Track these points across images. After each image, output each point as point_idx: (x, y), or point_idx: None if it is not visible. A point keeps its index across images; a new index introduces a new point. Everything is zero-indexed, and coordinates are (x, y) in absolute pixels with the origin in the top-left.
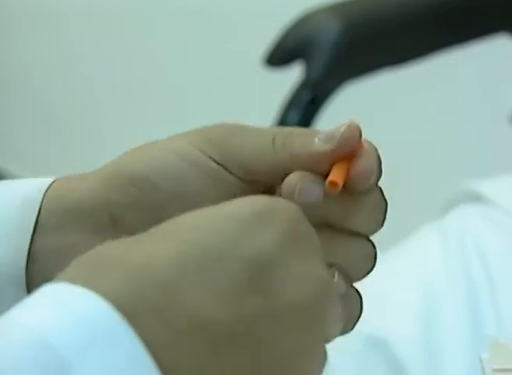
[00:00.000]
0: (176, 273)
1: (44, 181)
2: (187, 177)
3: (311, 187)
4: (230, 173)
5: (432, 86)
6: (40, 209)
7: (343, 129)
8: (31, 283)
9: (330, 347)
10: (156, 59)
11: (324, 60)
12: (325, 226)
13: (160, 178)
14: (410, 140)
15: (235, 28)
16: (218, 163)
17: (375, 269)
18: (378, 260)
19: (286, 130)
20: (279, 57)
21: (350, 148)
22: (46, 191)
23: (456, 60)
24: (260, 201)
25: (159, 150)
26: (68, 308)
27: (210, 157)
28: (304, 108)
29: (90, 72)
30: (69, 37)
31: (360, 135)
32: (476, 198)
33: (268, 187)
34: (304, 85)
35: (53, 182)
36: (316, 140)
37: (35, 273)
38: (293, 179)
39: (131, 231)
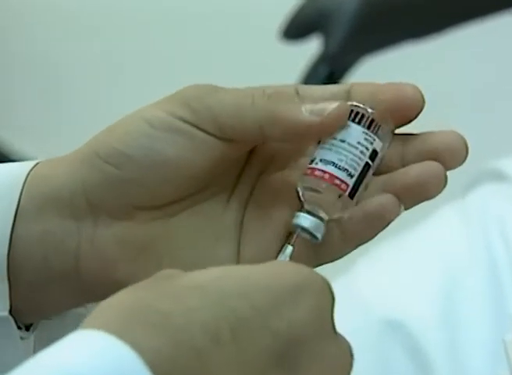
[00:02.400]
0: (211, 341)
1: (26, 166)
2: (161, 144)
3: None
4: (207, 133)
5: (452, 60)
6: (21, 195)
7: (333, 106)
8: (12, 270)
9: (346, 331)
10: (170, 32)
11: (342, 33)
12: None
13: (134, 150)
14: (430, 116)
15: (250, 0)
16: (193, 125)
17: (391, 248)
18: (395, 240)
19: (269, 89)
20: (295, 30)
21: (335, 128)
22: (27, 175)
23: (474, 34)
24: (296, 273)
25: (131, 122)
26: (104, 359)
27: (184, 119)
28: (321, 83)
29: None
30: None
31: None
32: (499, 177)
33: (249, 147)
34: (322, 59)
35: (35, 166)
36: (303, 109)
37: (17, 260)
38: (409, 90)
39: (110, 215)
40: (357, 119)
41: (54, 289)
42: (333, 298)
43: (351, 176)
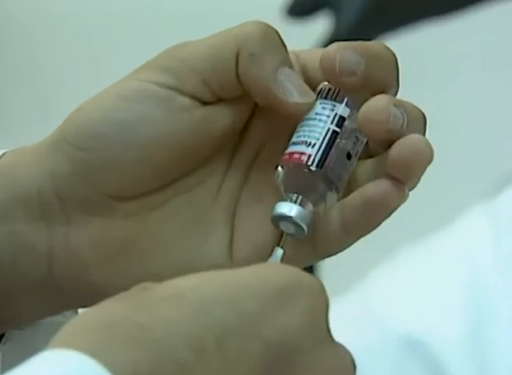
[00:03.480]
0: (194, 354)
1: None
2: (137, 119)
3: (353, 56)
4: (191, 96)
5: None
6: None
7: (305, 100)
8: None
9: (359, 350)
10: (169, 33)
11: (355, 10)
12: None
13: (105, 128)
14: (458, 113)
15: (251, 1)
16: (174, 88)
17: (407, 258)
18: (412, 248)
19: (257, 48)
20: (301, 7)
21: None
22: None
23: (500, 15)
24: (285, 274)
25: (102, 97)
26: None
27: (162, 83)
28: None
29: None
30: None
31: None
32: None
33: (238, 117)
34: (331, 41)
35: (1, 156)
36: (280, 90)
37: None
38: (331, 50)
39: (84, 210)
40: (317, 96)
41: (27, 297)
42: (327, 301)
43: (311, 145)
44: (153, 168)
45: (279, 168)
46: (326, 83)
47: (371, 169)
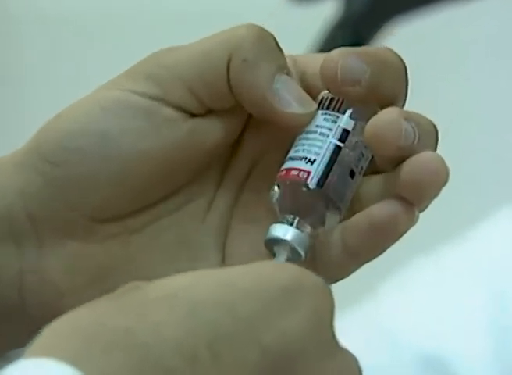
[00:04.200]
0: (185, 361)
1: None
2: (117, 132)
3: (357, 63)
4: (176, 107)
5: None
6: None
7: (308, 110)
8: None
9: (370, 366)
10: (169, 34)
11: None
12: None
13: (82, 141)
14: (485, 107)
15: (251, 1)
16: (157, 98)
17: (432, 267)
18: (438, 253)
19: (250, 54)
20: None
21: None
22: None
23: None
24: (285, 273)
25: (81, 106)
26: None
27: (145, 94)
28: None
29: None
30: None
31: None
32: None
33: (230, 130)
34: (342, 24)
35: None
36: (277, 99)
37: None
38: (333, 56)
39: (58, 233)
40: (319, 105)
41: None
42: (332, 301)
43: (311, 161)
44: (135, 186)
45: (275, 186)
46: (326, 91)
47: (378, 188)
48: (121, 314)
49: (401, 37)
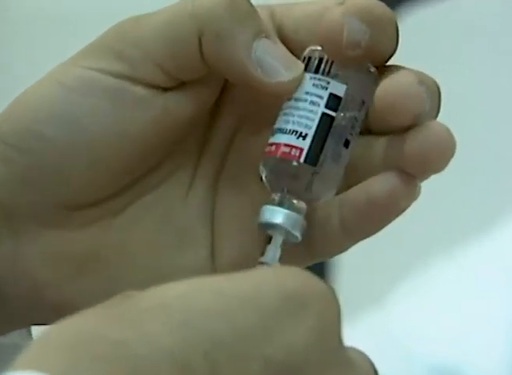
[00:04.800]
0: (181, 372)
1: None
2: (84, 113)
3: (358, 25)
4: (145, 84)
5: None
6: None
7: (291, 76)
8: None
9: None
10: None
11: None
12: None
13: (47, 125)
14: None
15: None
16: (123, 76)
17: (445, 273)
18: (456, 257)
19: (223, 27)
20: None
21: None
22: None
23: None
24: (287, 280)
25: (41, 87)
26: None
27: (110, 71)
28: None
29: None
30: None
31: None
32: None
33: (206, 98)
34: None
35: None
36: (256, 69)
37: None
38: (336, 17)
39: (33, 222)
40: (306, 66)
41: None
42: (339, 309)
43: (302, 136)
44: (109, 169)
45: (262, 162)
46: (313, 48)
47: (375, 155)
48: (112, 324)
49: (405, 26)
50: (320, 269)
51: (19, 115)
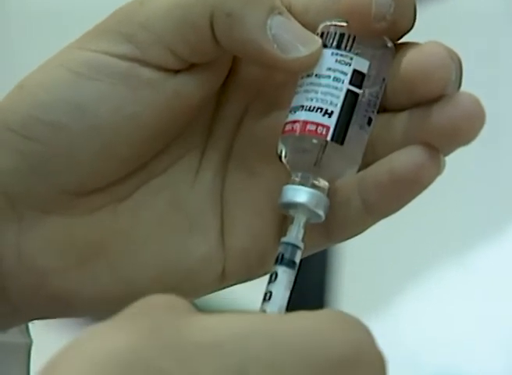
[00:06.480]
0: None
1: None
2: (93, 98)
3: None
4: (155, 67)
5: None
6: None
7: (308, 51)
8: None
9: None
10: None
11: None
12: None
13: (59, 113)
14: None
15: None
16: (133, 59)
17: (454, 278)
18: (465, 262)
19: (234, 5)
20: None
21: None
22: None
23: None
24: (345, 340)
25: (48, 72)
26: None
27: (119, 54)
28: None
29: None
30: None
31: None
32: None
33: (217, 79)
34: None
35: None
36: (273, 46)
37: None
38: None
39: (39, 209)
40: (324, 42)
41: None
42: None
43: (328, 113)
44: (118, 155)
45: (281, 139)
46: (328, 23)
47: (394, 133)
48: (163, 354)
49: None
50: (329, 273)
51: (26, 102)
